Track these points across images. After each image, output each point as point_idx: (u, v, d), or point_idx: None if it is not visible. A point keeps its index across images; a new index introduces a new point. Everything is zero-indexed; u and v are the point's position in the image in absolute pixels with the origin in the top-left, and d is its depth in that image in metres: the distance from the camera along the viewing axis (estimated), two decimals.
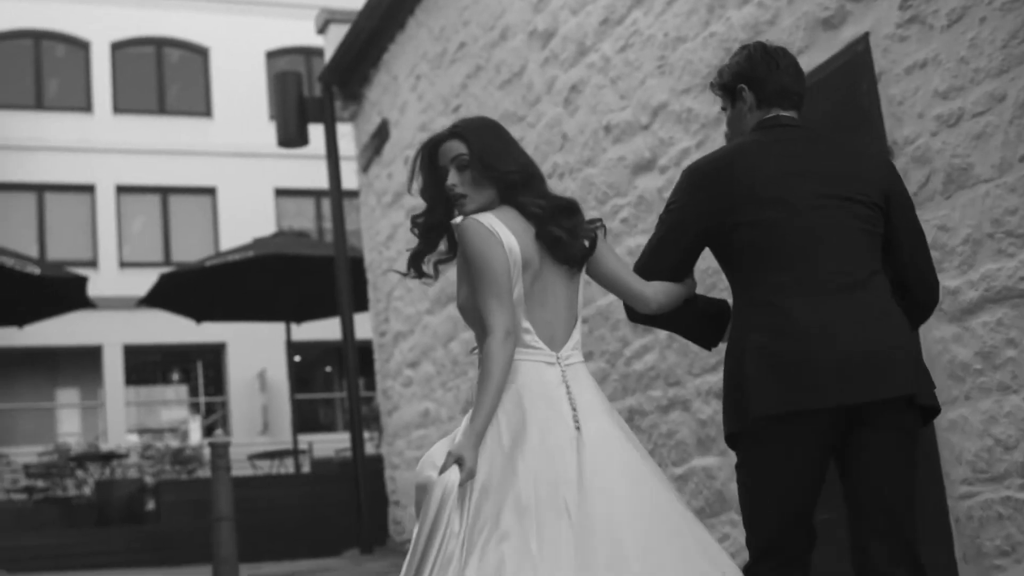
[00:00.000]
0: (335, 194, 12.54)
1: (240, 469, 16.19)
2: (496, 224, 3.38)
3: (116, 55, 25.37)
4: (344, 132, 13.19)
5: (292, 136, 12.61)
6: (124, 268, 24.15)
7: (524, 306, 3.39)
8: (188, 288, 17.17)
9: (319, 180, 17.07)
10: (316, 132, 12.80)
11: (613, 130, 7.74)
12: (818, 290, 3.30)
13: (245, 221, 23.82)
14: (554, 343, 3.41)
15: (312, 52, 25.19)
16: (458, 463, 3.20)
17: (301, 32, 24.33)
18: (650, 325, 3.76)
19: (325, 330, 19.17)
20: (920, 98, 5.26)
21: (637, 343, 7.49)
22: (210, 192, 25.26)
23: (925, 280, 3.58)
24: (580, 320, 3.52)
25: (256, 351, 23.88)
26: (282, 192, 25.56)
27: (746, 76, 3.58)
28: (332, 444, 21.40)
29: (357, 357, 12.58)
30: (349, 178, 13.68)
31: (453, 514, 3.17)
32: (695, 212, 3.49)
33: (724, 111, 3.71)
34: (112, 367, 24.11)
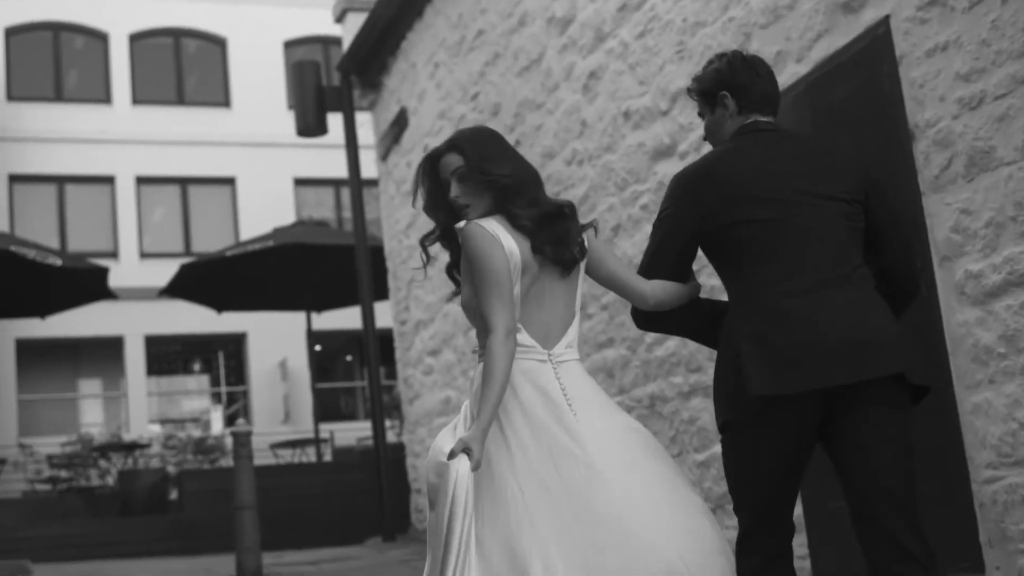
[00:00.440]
0: (354, 183, 12.54)
1: (262, 458, 16.24)
2: (497, 228, 3.56)
3: (134, 46, 25.42)
4: (363, 121, 13.18)
5: (311, 125, 12.62)
6: (145, 259, 24.21)
7: (520, 306, 3.56)
8: (208, 278, 17.21)
9: (338, 169, 17.08)
10: (335, 121, 12.81)
11: (632, 116, 7.72)
12: (807, 284, 3.44)
13: (264, 211, 23.86)
14: (548, 342, 3.60)
15: (330, 41, 25.19)
16: (466, 452, 3.33)
17: (319, 21, 24.35)
18: (657, 331, 3.91)
19: (346, 319, 19.20)
20: (941, 81, 5.23)
21: None
22: (229, 182, 25.31)
23: (906, 269, 3.70)
24: (578, 318, 3.68)
25: (277, 340, 23.93)
26: (301, 181, 25.59)
27: (728, 83, 3.73)
28: (353, 433, 21.45)
29: (378, 346, 12.59)
30: (368, 167, 13.67)
31: (469, 498, 3.30)
32: (687, 217, 3.64)
33: (701, 117, 3.84)
34: (134, 358, 24.20)
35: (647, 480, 3.46)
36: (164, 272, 18.95)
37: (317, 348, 20.68)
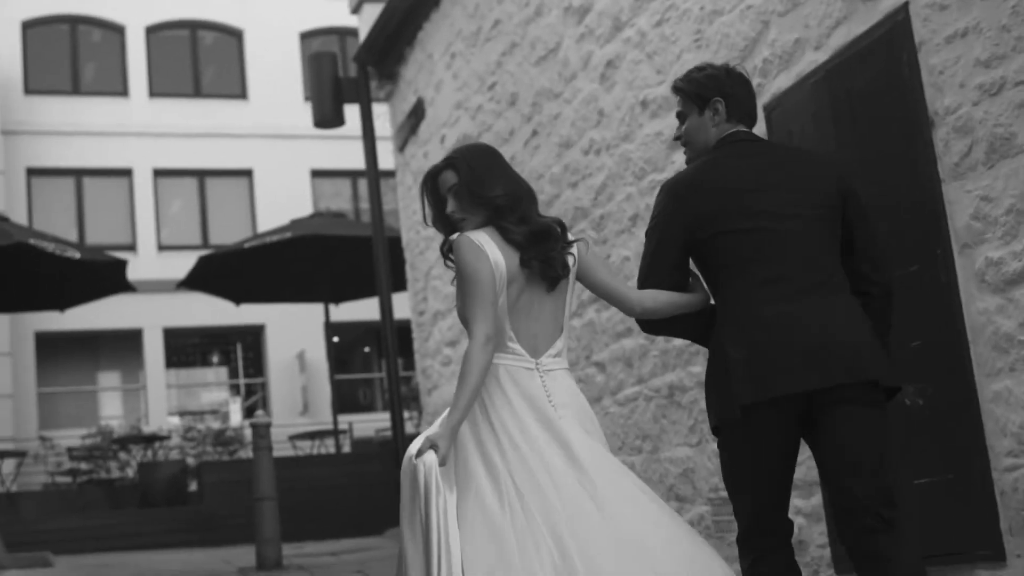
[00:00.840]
0: (372, 174, 12.54)
1: (280, 450, 16.26)
2: (485, 240, 3.77)
3: (151, 39, 25.46)
4: (380, 112, 13.18)
5: (328, 117, 12.60)
6: (163, 251, 24.27)
7: (509, 316, 3.78)
8: (226, 270, 17.25)
9: (355, 160, 17.07)
10: (352, 112, 12.80)
11: (650, 105, 7.70)
12: (786, 292, 3.66)
13: (282, 203, 23.86)
14: (536, 351, 3.81)
15: (346, 32, 25.18)
16: (433, 448, 3.59)
17: (335, 12, 24.35)
18: (663, 335, 4.15)
19: (363, 310, 19.21)
20: (961, 67, 5.20)
21: None
22: (247, 174, 25.34)
23: (879, 264, 3.88)
24: (566, 331, 3.90)
25: (295, 332, 23.97)
26: (318, 173, 25.61)
27: (724, 90, 3.91)
28: (372, 424, 21.48)
29: (396, 337, 12.59)
30: (385, 158, 13.65)
31: (440, 488, 3.55)
32: (675, 226, 3.82)
33: (681, 116, 4.01)
34: (152, 350, 24.27)
35: (629, 485, 3.67)
36: (182, 264, 18.99)
37: (335, 339, 20.71)
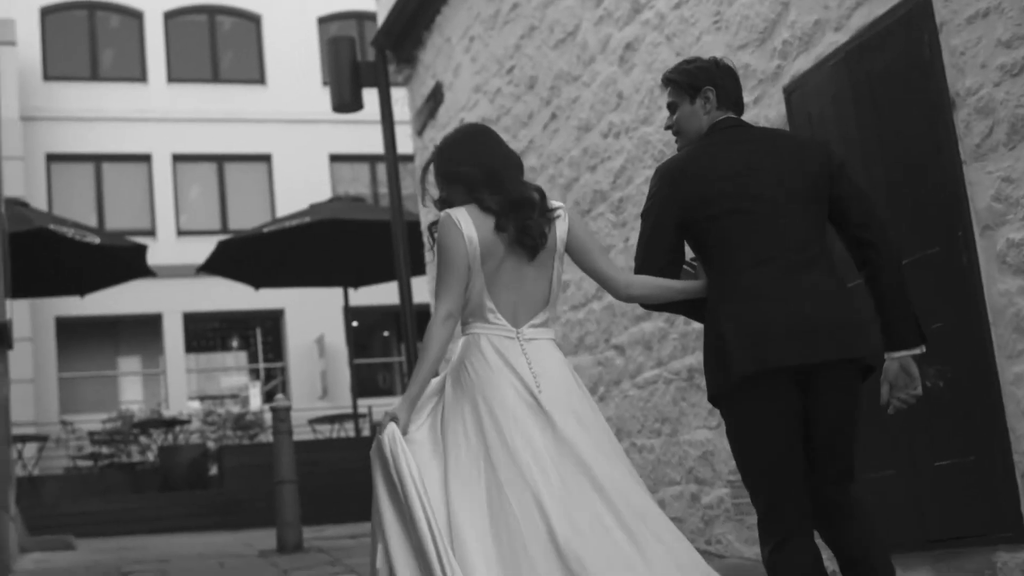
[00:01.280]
0: (390, 158, 12.53)
1: (300, 434, 16.33)
2: (463, 217, 3.87)
3: (169, 24, 25.50)
4: (398, 96, 13.17)
5: (346, 101, 12.60)
6: (182, 236, 24.34)
7: (490, 288, 3.89)
8: (246, 255, 17.28)
9: (374, 145, 17.09)
10: (370, 97, 12.80)
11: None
12: (781, 270, 3.82)
13: (301, 187, 23.91)
14: (516, 321, 3.92)
15: (364, 16, 25.18)
16: (393, 420, 3.79)
17: None
18: (660, 311, 4.32)
19: (382, 295, 19.25)
20: (983, 48, 5.18)
21: None
22: (265, 159, 25.38)
23: (878, 229, 3.97)
24: (551, 303, 4.00)
25: (314, 317, 24.03)
26: (337, 158, 25.63)
27: (714, 80, 4.08)
28: (391, 407, 21.51)
29: (415, 321, 12.59)
30: (404, 142, 13.67)
31: (407, 454, 3.71)
32: (668, 209, 3.98)
33: (672, 107, 4.15)
34: (172, 335, 24.36)
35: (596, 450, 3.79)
36: (201, 249, 19.04)
37: (354, 324, 20.75)
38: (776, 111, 6.57)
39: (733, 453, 3.96)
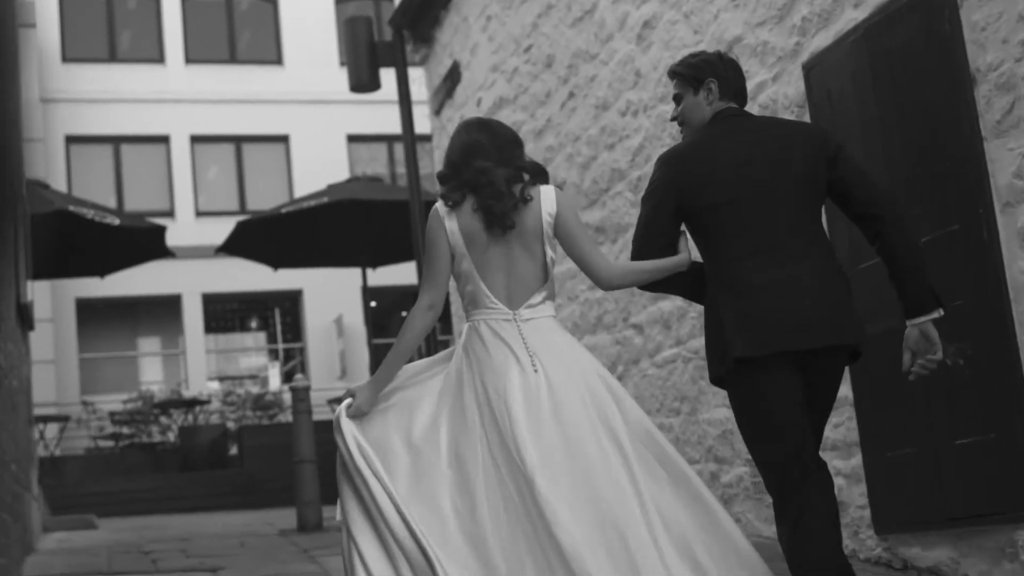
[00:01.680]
0: (408, 138, 12.53)
1: (319, 414, 16.34)
2: (444, 209, 4.09)
3: (186, 5, 25.51)
4: (415, 76, 13.15)
5: (364, 81, 12.59)
6: (200, 217, 24.40)
7: (481, 274, 4.06)
8: (264, 235, 17.27)
9: (391, 125, 17.06)
10: (387, 77, 12.79)
11: None
12: (779, 257, 3.97)
13: (318, 168, 23.92)
14: (512, 303, 4.07)
15: None
16: (351, 396, 4.06)
17: None
18: (657, 291, 4.43)
19: (401, 275, 19.23)
20: (1004, 23, 5.13)
21: None
22: (283, 140, 25.40)
23: (886, 204, 4.08)
24: (548, 283, 4.11)
25: (333, 297, 24.06)
26: (354, 138, 25.63)
27: (717, 72, 4.26)
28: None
29: None
30: (421, 122, 13.65)
31: (349, 424, 4.02)
32: (668, 194, 4.14)
33: (677, 99, 4.33)
34: (192, 315, 24.43)
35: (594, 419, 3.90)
36: (220, 230, 19.05)
37: (372, 304, 20.77)
38: (795, 88, 6.54)
39: (741, 432, 4.11)
